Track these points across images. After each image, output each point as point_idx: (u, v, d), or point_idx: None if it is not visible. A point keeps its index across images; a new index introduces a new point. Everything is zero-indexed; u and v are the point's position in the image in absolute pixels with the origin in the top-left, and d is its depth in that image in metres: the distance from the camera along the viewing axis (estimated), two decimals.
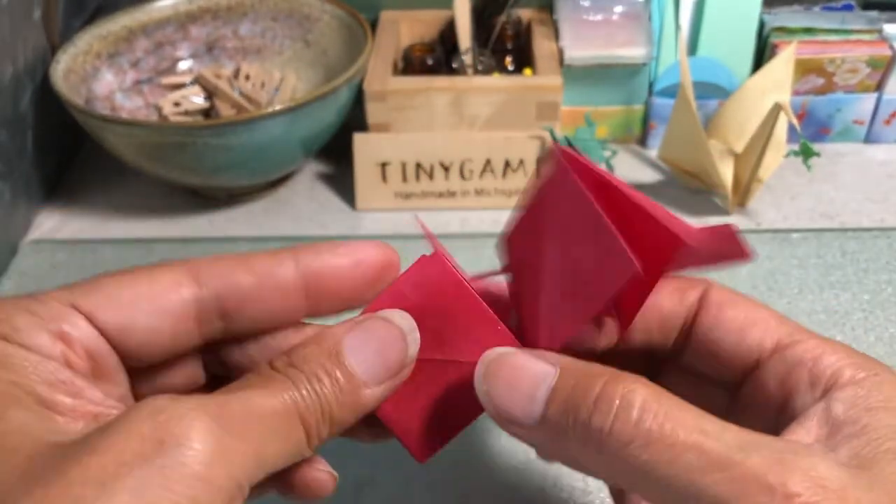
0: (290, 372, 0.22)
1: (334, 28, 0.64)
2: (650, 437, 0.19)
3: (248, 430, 0.20)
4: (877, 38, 0.62)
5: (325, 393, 0.21)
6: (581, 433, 0.20)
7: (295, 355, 0.22)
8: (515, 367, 0.22)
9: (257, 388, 0.21)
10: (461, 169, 0.59)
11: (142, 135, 0.53)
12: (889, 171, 0.63)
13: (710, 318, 0.25)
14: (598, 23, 0.63)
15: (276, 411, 0.21)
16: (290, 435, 0.21)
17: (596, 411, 0.20)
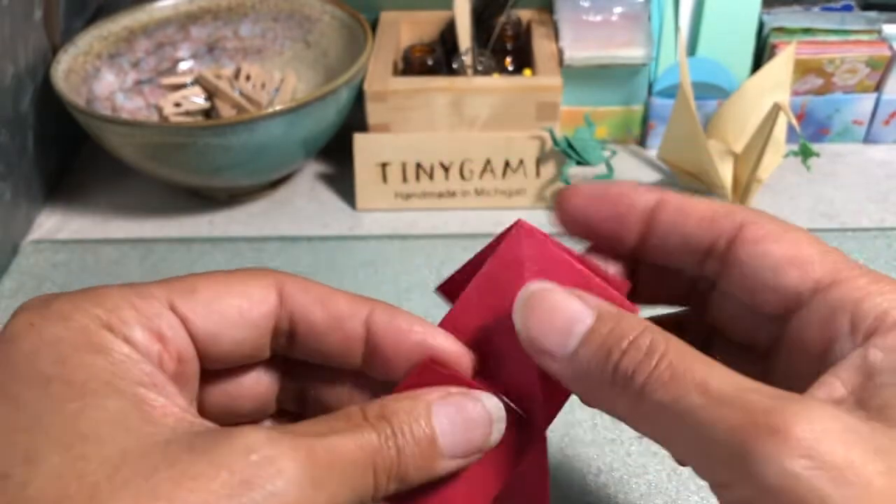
0: (380, 424, 0.22)
1: (335, 29, 0.64)
2: (664, 377, 0.20)
3: (330, 476, 0.20)
4: (876, 38, 0.62)
5: (406, 452, 0.22)
6: (608, 374, 0.21)
7: (388, 408, 0.22)
8: (555, 301, 0.23)
9: (345, 434, 0.21)
10: (461, 169, 0.60)
11: (142, 135, 0.53)
12: (888, 171, 0.63)
13: (746, 253, 0.24)
14: (598, 23, 0.63)
15: (357, 460, 0.21)
16: (362, 484, 0.21)
17: (625, 357, 0.21)
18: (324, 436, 0.21)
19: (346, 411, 0.22)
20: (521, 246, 0.25)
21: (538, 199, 0.60)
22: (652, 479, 0.41)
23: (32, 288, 0.54)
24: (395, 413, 0.22)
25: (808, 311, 0.23)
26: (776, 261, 0.23)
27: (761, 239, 0.24)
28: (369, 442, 0.21)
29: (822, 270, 0.23)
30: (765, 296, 0.24)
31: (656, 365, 0.21)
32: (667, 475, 0.41)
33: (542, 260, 0.25)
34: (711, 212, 0.25)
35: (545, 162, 0.59)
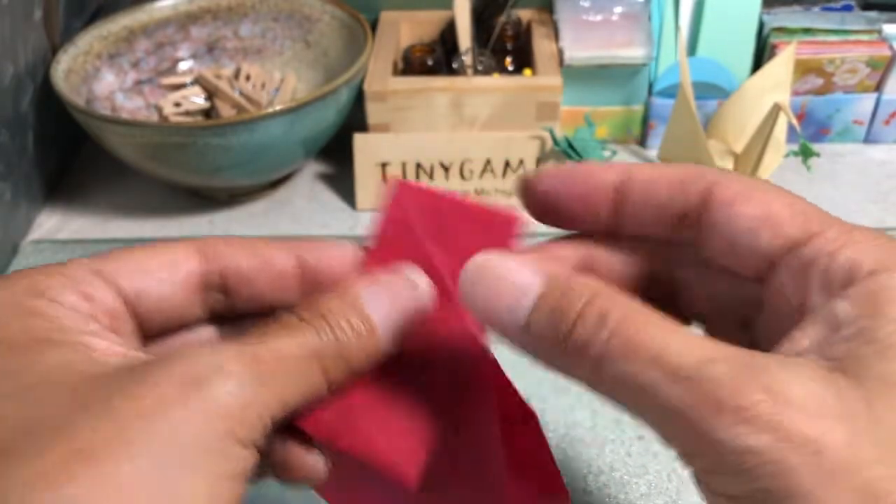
0: (316, 321, 0.23)
1: (335, 29, 0.64)
2: (618, 352, 0.20)
3: (275, 374, 0.21)
4: (876, 38, 0.62)
5: (346, 340, 0.23)
6: (561, 343, 0.21)
7: (321, 305, 0.24)
8: (502, 275, 0.22)
9: (283, 336, 0.22)
10: (461, 169, 0.60)
11: (142, 135, 0.53)
12: (888, 171, 0.63)
13: (719, 216, 0.23)
14: (598, 23, 0.63)
15: (300, 356, 0.22)
16: (310, 378, 0.22)
17: (576, 326, 0.20)
18: (265, 341, 0.22)
19: (281, 318, 0.23)
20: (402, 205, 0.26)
21: None
22: (652, 480, 0.41)
23: None
24: (329, 309, 0.23)
25: (783, 270, 0.22)
26: (748, 222, 0.23)
27: (731, 200, 0.23)
28: (310, 339, 0.22)
29: (793, 227, 0.22)
30: (742, 258, 0.23)
31: (610, 336, 0.20)
32: (667, 475, 0.41)
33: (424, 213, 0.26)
34: (680, 176, 0.24)
35: (545, 162, 0.59)
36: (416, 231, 0.26)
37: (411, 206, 0.26)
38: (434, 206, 0.26)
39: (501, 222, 0.26)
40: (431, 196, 0.27)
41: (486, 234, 0.26)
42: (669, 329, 0.20)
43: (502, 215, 0.26)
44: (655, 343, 0.19)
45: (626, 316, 0.20)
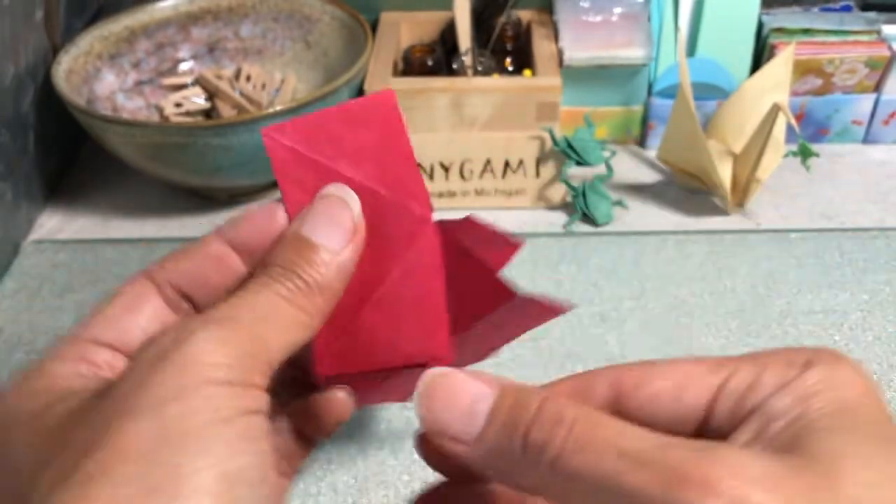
0: (268, 270, 0.25)
1: (335, 29, 0.64)
2: (578, 445, 0.20)
3: (245, 328, 0.23)
4: (875, 38, 0.62)
5: (305, 271, 0.25)
6: (518, 448, 0.21)
7: (267, 256, 0.26)
8: (453, 387, 0.23)
9: (244, 293, 0.24)
10: (461, 169, 0.60)
11: (143, 135, 0.53)
12: (887, 171, 0.63)
13: (634, 404, 0.24)
14: (598, 24, 0.63)
15: (268, 304, 0.24)
16: (288, 319, 0.24)
17: (533, 427, 0.21)
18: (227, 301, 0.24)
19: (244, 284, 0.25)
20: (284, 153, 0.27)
21: (538, 199, 0.61)
22: None
23: (34, 288, 0.55)
24: (275, 255, 0.25)
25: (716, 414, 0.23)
26: (667, 395, 0.23)
27: (639, 385, 0.24)
28: (266, 285, 0.24)
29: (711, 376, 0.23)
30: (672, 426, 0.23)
31: (567, 433, 0.20)
32: None
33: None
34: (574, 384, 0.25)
35: (545, 162, 0.59)
36: (309, 157, 0.27)
37: (293, 140, 0.27)
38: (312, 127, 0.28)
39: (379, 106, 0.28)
40: (303, 122, 0.28)
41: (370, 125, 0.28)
42: (621, 424, 0.21)
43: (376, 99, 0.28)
44: (612, 435, 0.20)
45: (580, 414, 0.21)
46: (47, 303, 0.54)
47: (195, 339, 0.22)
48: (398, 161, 0.28)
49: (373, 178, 0.27)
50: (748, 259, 0.55)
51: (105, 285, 0.55)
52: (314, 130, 0.27)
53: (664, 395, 0.23)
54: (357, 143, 0.27)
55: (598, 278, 0.54)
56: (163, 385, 0.21)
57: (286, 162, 0.27)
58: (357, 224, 0.26)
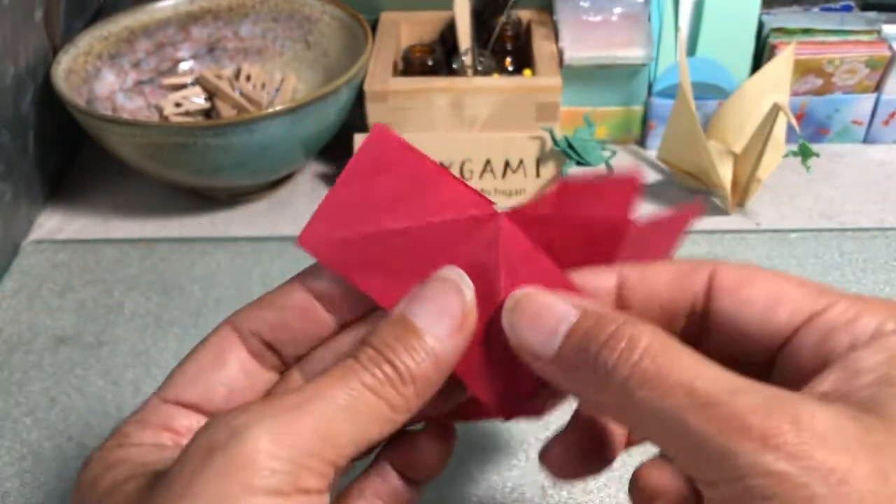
0: (361, 351, 0.23)
1: (335, 29, 0.64)
2: (646, 375, 0.20)
3: (310, 423, 0.21)
4: (875, 38, 0.62)
5: (401, 358, 0.23)
6: (590, 368, 0.21)
7: (369, 335, 0.24)
8: (542, 304, 0.24)
9: (323, 378, 0.23)
10: (461, 169, 0.60)
11: (143, 135, 0.53)
12: (888, 171, 0.63)
13: (727, 303, 0.24)
14: (598, 23, 0.63)
15: (348, 393, 0.22)
16: (369, 411, 0.22)
17: (604, 349, 0.21)
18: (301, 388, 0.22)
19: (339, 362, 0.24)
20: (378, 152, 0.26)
21: None
22: None
23: (33, 288, 0.55)
24: (376, 334, 0.24)
25: (800, 340, 0.23)
26: (762, 304, 0.23)
27: (737, 286, 0.24)
28: (349, 372, 0.23)
29: (808, 301, 0.23)
30: (755, 340, 0.24)
31: (639, 359, 0.20)
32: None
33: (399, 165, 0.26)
34: (676, 272, 0.25)
35: (545, 162, 0.59)
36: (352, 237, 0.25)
37: (328, 231, 0.26)
38: (334, 208, 0.26)
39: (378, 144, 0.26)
40: (325, 210, 0.26)
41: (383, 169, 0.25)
42: (699, 359, 0.20)
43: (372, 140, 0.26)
44: (685, 370, 0.20)
45: (655, 343, 0.21)
46: (47, 303, 0.54)
47: (249, 435, 0.20)
48: (430, 183, 0.25)
49: (419, 213, 0.25)
50: (748, 259, 0.55)
51: (105, 285, 0.55)
52: (337, 209, 0.25)
53: (756, 305, 0.23)
54: (383, 192, 0.25)
55: None
56: (206, 491, 0.20)
57: (340, 258, 0.25)
58: (467, 312, 0.24)
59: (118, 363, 0.49)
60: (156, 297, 0.54)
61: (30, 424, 0.46)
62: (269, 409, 0.21)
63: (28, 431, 0.45)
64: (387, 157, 0.25)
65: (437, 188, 0.25)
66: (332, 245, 0.25)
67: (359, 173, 0.25)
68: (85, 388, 0.48)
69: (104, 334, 0.51)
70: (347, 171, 0.25)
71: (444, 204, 0.25)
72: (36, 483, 0.43)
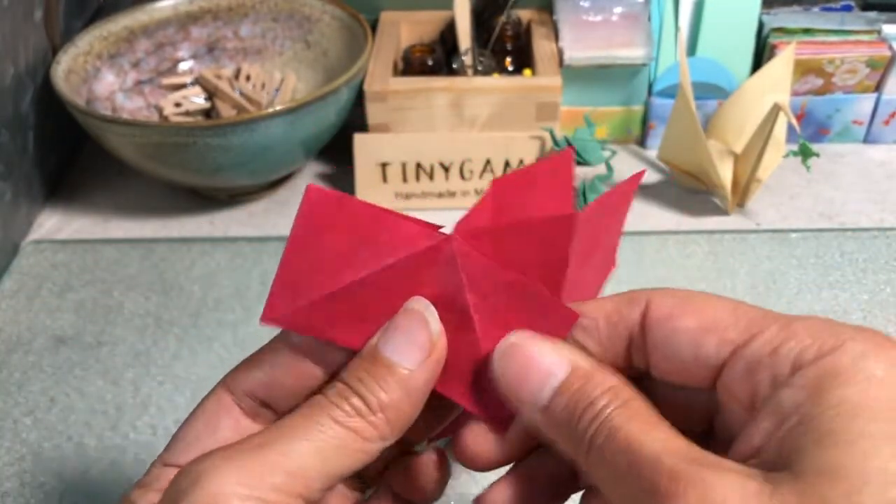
0: (329, 387, 0.24)
1: (335, 29, 0.64)
2: (604, 439, 0.22)
3: (273, 460, 0.22)
4: (876, 38, 0.62)
5: (372, 391, 0.24)
6: (570, 429, 0.23)
7: (342, 372, 0.25)
8: (530, 357, 0.24)
9: (292, 417, 0.23)
10: (461, 169, 0.60)
11: (142, 135, 0.53)
12: (888, 171, 0.63)
13: (660, 334, 0.24)
14: (598, 23, 0.63)
15: (316, 428, 0.23)
16: (339, 444, 0.23)
17: (584, 413, 0.22)
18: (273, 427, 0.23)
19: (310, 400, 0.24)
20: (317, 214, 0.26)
21: None
22: None
23: (33, 288, 0.55)
24: (347, 370, 0.24)
25: (730, 373, 0.23)
26: (692, 334, 0.23)
27: (668, 316, 0.24)
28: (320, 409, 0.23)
29: (736, 330, 0.23)
30: (689, 370, 0.24)
31: (600, 426, 0.22)
32: None
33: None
34: (613, 307, 0.25)
35: None
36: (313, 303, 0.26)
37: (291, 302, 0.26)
38: (291, 276, 0.26)
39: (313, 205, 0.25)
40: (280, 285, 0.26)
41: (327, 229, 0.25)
42: (649, 424, 0.22)
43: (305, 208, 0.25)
44: (632, 435, 0.21)
45: (619, 410, 0.22)
46: (47, 303, 0.54)
47: (211, 477, 0.21)
48: (376, 228, 0.25)
49: (374, 259, 0.25)
50: (748, 259, 0.55)
51: (105, 285, 0.55)
52: (292, 278, 0.26)
53: (685, 336, 0.24)
54: (333, 249, 0.25)
55: None
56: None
57: (308, 322, 0.26)
58: (434, 341, 0.25)
59: (118, 363, 0.49)
60: (155, 297, 0.54)
61: (29, 424, 0.46)
62: (231, 452, 0.22)
63: (28, 431, 0.45)
64: (327, 215, 0.25)
65: (384, 231, 0.26)
66: (298, 312, 0.26)
67: (304, 238, 0.26)
68: (85, 388, 0.48)
69: (104, 334, 0.51)
70: (292, 238, 0.26)
71: (395, 243, 0.25)
72: (36, 483, 0.43)
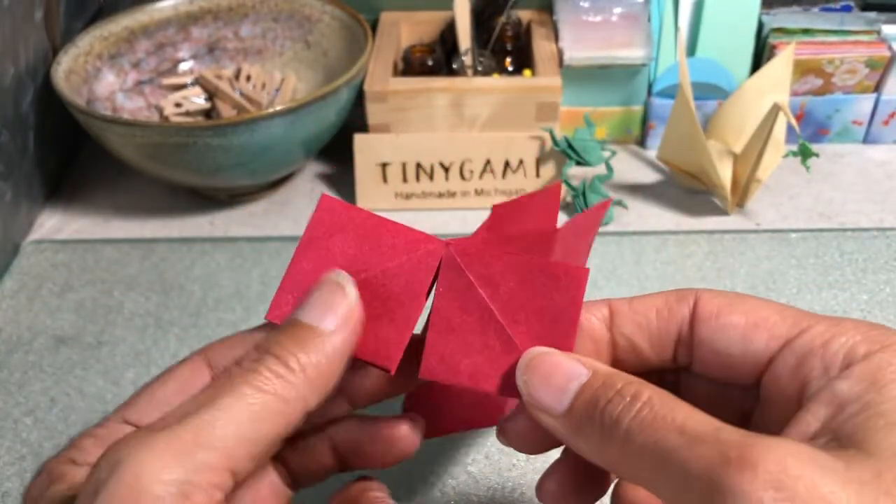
0: (246, 357, 0.25)
1: (335, 29, 0.64)
2: (644, 422, 0.22)
3: (191, 433, 0.22)
4: (875, 38, 0.62)
5: (293, 354, 0.24)
6: (597, 423, 0.23)
7: (266, 343, 0.25)
8: (554, 364, 0.25)
9: (207, 389, 0.24)
10: (461, 169, 0.60)
11: (143, 135, 0.53)
12: (887, 171, 0.63)
13: (708, 329, 0.25)
14: (598, 24, 0.63)
15: (233, 396, 0.23)
16: (258, 409, 0.23)
17: (610, 404, 0.23)
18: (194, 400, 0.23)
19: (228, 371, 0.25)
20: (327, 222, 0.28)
21: None
22: None
23: (33, 288, 0.55)
24: (266, 339, 0.25)
25: (778, 364, 0.24)
26: (741, 330, 0.25)
27: (717, 313, 0.25)
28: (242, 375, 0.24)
29: (785, 326, 0.24)
30: (735, 366, 0.25)
31: (639, 410, 0.22)
32: None
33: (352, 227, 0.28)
34: (664, 302, 0.26)
35: (545, 162, 0.59)
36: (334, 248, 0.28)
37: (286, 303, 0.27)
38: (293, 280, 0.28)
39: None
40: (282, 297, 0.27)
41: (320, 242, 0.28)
42: (691, 408, 0.22)
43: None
44: (678, 415, 0.21)
45: (654, 396, 0.22)
46: (47, 303, 0.54)
47: (128, 466, 0.21)
48: (377, 233, 0.28)
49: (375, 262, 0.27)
50: (748, 259, 0.55)
51: (105, 285, 0.55)
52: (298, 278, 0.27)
53: (735, 332, 0.25)
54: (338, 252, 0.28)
55: (598, 278, 0.54)
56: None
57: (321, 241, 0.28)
58: (352, 306, 0.26)
59: (118, 363, 0.49)
60: (155, 297, 0.54)
61: (30, 424, 0.46)
62: (145, 436, 0.22)
63: (28, 431, 0.45)
64: (337, 221, 0.28)
65: (388, 236, 0.28)
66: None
67: (315, 240, 0.28)
68: (85, 388, 0.48)
69: (104, 334, 0.51)
70: (304, 241, 0.28)
71: (397, 247, 0.27)
72: None
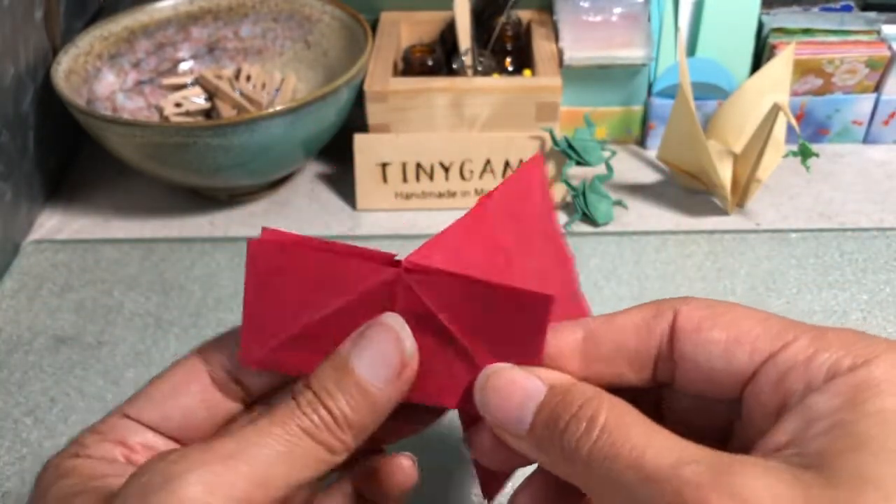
0: (300, 394, 0.24)
1: (335, 29, 0.64)
2: (602, 452, 0.21)
3: (245, 469, 0.22)
4: (875, 38, 0.62)
5: (338, 404, 0.24)
6: (557, 446, 0.22)
7: (311, 377, 0.25)
8: (510, 381, 0.24)
9: (263, 423, 0.24)
10: (461, 169, 0.60)
11: (143, 135, 0.53)
12: (887, 171, 0.63)
13: (689, 345, 0.24)
14: (598, 24, 0.63)
15: (285, 437, 0.23)
16: (305, 455, 0.23)
17: (567, 430, 0.22)
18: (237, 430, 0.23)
19: (274, 405, 0.25)
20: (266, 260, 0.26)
21: None
22: None
23: (33, 288, 0.55)
24: (317, 377, 0.24)
25: (760, 379, 0.23)
26: (723, 345, 0.23)
27: (698, 327, 0.24)
28: (287, 416, 0.24)
29: (768, 339, 0.23)
30: (719, 381, 0.24)
31: (597, 438, 0.21)
32: None
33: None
34: (640, 320, 0.25)
35: (545, 162, 0.59)
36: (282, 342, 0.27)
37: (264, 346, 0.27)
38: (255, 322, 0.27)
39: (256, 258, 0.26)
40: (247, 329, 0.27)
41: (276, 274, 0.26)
42: (652, 431, 0.21)
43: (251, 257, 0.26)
44: (637, 444, 0.21)
45: (611, 419, 0.21)
46: (47, 303, 0.54)
47: (182, 483, 0.21)
48: (327, 266, 0.26)
49: (333, 297, 0.26)
50: (748, 259, 0.55)
51: (105, 285, 0.55)
52: (257, 323, 0.26)
53: (715, 348, 0.24)
54: (290, 292, 0.26)
55: (598, 278, 0.54)
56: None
57: (282, 361, 0.27)
58: (406, 362, 0.25)
59: (118, 363, 0.49)
60: (155, 297, 0.54)
61: (30, 424, 0.46)
62: (204, 457, 0.22)
63: (28, 431, 0.45)
64: (273, 263, 0.26)
65: (332, 271, 0.26)
66: (270, 355, 0.27)
67: (257, 287, 0.26)
68: (85, 388, 0.48)
69: (104, 334, 0.51)
70: (246, 288, 0.26)
71: (346, 281, 0.26)
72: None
